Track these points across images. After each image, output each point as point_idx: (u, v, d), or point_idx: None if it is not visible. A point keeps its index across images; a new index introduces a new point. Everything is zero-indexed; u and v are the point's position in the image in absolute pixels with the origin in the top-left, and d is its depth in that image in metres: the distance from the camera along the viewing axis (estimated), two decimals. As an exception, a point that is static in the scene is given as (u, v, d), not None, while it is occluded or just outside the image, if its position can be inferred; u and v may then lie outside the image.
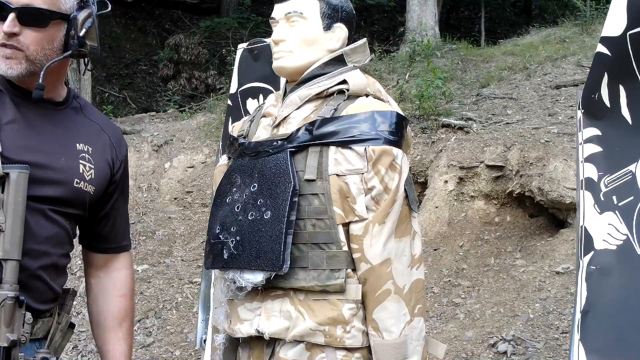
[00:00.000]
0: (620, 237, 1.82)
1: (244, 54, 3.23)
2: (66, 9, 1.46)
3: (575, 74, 6.71)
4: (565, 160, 4.96)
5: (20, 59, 1.42)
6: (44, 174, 1.44)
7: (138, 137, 7.03)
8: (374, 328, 1.56)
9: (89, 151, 1.56)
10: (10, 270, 1.37)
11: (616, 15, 1.77)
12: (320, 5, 1.68)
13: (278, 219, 1.54)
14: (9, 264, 1.36)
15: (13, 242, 1.37)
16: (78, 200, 1.53)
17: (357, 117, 1.58)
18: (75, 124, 1.57)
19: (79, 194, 1.52)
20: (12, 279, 1.36)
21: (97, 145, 1.58)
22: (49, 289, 1.49)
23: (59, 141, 1.51)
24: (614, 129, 1.87)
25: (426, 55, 7.65)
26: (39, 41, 1.43)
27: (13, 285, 1.36)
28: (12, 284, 1.36)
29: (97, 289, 1.68)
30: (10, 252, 1.37)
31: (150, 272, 5.52)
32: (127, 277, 1.71)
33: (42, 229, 1.45)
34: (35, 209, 1.42)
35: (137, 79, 12.23)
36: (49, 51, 1.45)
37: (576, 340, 1.82)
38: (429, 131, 5.98)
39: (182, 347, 4.59)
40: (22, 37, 1.41)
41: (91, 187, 1.55)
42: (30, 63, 1.43)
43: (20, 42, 1.41)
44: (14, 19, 1.39)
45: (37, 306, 1.46)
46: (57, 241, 1.50)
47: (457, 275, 4.88)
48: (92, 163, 1.55)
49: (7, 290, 1.35)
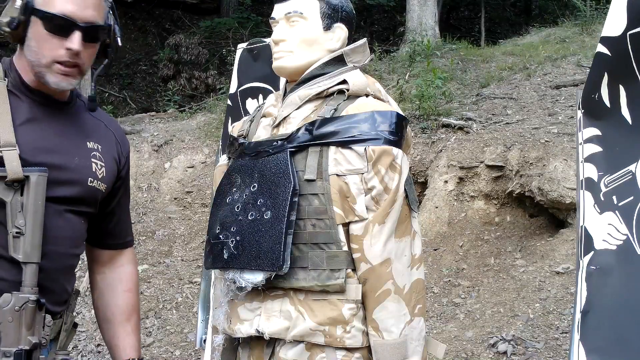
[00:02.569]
0: (620, 237, 1.82)
1: (243, 54, 3.23)
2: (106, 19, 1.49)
3: (575, 74, 6.72)
4: (565, 160, 4.96)
5: (76, 74, 1.45)
6: (60, 174, 1.45)
7: (138, 137, 7.03)
8: (374, 328, 1.56)
9: (99, 149, 1.57)
10: (31, 274, 1.37)
11: (616, 15, 1.77)
12: (320, 5, 1.68)
13: (278, 219, 1.54)
14: (29, 267, 1.37)
15: (33, 245, 1.37)
16: (92, 199, 1.55)
17: (357, 117, 1.58)
18: (84, 123, 1.58)
19: (93, 193, 1.54)
20: (32, 282, 1.37)
21: (104, 143, 1.60)
22: (64, 290, 1.51)
23: (71, 141, 1.52)
24: (614, 129, 1.86)
25: (426, 55, 7.65)
26: (92, 55, 1.48)
27: (33, 288, 1.37)
28: (33, 287, 1.37)
29: (102, 285, 1.69)
30: (31, 255, 1.37)
31: (150, 272, 5.52)
32: (132, 272, 1.73)
33: (60, 230, 1.46)
34: (53, 210, 1.43)
35: (137, 79, 12.24)
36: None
37: (576, 340, 1.82)
38: (429, 131, 5.98)
39: (182, 347, 4.59)
40: (82, 53, 1.43)
41: (103, 185, 1.57)
42: (81, 76, 1.47)
43: (81, 58, 1.44)
44: (81, 37, 1.41)
45: (52, 308, 1.47)
46: (73, 242, 1.52)
47: (457, 275, 4.88)
48: (102, 161, 1.57)
49: (28, 294, 1.36)
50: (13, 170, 1.35)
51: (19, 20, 1.39)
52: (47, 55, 1.41)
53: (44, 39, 1.40)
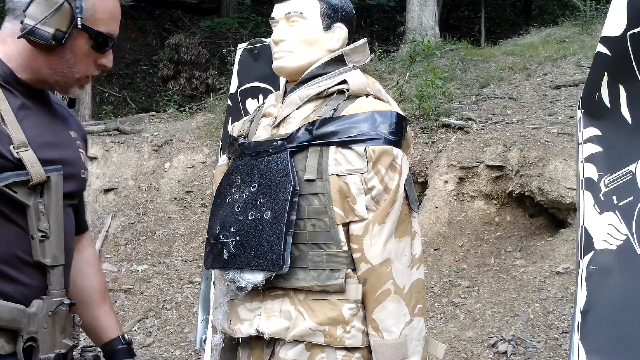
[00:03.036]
0: (620, 237, 1.82)
1: (244, 54, 3.23)
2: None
3: (575, 74, 6.72)
4: (565, 160, 4.96)
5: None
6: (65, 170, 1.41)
7: (138, 137, 7.03)
8: (374, 328, 1.56)
9: (77, 137, 1.53)
10: (59, 276, 1.34)
11: (616, 15, 1.77)
12: (320, 5, 1.68)
13: (278, 218, 1.54)
14: (57, 269, 1.34)
15: (59, 247, 1.34)
16: (82, 190, 1.53)
17: (357, 117, 1.58)
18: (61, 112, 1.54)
19: (84, 184, 1.52)
20: (60, 285, 1.34)
21: (77, 130, 1.56)
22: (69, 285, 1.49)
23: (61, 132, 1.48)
24: (614, 129, 1.86)
25: (426, 55, 7.65)
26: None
27: (62, 291, 1.35)
28: (62, 289, 1.35)
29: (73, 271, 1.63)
30: (59, 257, 1.34)
31: (150, 272, 5.52)
32: (95, 253, 1.71)
33: (67, 226, 1.43)
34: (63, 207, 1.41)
35: (137, 79, 12.24)
36: None
37: (576, 340, 1.82)
38: (429, 131, 5.98)
39: (182, 347, 4.59)
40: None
41: (87, 173, 1.54)
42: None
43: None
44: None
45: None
46: (73, 236, 1.50)
47: (457, 275, 4.88)
48: (82, 149, 1.54)
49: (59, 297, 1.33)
50: (37, 172, 1.30)
51: (68, 35, 1.34)
52: (82, 70, 1.40)
53: (85, 55, 1.39)
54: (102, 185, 6.56)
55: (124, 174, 6.67)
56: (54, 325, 1.33)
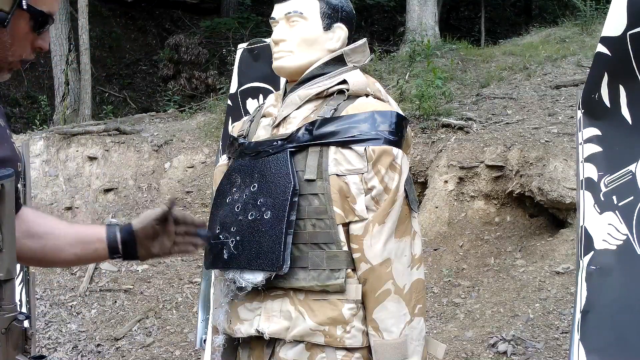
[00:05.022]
0: (620, 237, 1.82)
1: (244, 54, 3.23)
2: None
3: (575, 74, 6.72)
4: (565, 160, 4.96)
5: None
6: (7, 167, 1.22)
7: (138, 137, 7.03)
8: (374, 328, 1.56)
9: (4, 123, 1.36)
10: (12, 290, 1.20)
11: (616, 15, 1.77)
12: (320, 5, 1.68)
13: (278, 219, 1.54)
14: (10, 283, 1.20)
15: (12, 260, 1.19)
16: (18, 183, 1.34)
17: (357, 117, 1.58)
18: None
19: (18, 178, 1.33)
20: (13, 299, 1.20)
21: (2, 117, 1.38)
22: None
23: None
24: (614, 129, 1.87)
25: (426, 55, 7.64)
26: None
27: (15, 305, 1.21)
28: (14, 303, 1.21)
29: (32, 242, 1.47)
30: (12, 270, 1.19)
31: (150, 272, 5.52)
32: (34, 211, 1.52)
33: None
34: None
35: (137, 79, 12.24)
36: None
37: (576, 340, 1.82)
38: (429, 131, 5.98)
39: (182, 347, 4.59)
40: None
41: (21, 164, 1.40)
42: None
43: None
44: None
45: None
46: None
47: (457, 275, 4.88)
48: (12, 137, 1.37)
49: (12, 312, 1.18)
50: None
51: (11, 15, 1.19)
52: (17, 53, 1.26)
53: (24, 37, 1.25)
54: (102, 185, 6.56)
55: (124, 174, 6.67)
56: (7, 342, 1.18)
